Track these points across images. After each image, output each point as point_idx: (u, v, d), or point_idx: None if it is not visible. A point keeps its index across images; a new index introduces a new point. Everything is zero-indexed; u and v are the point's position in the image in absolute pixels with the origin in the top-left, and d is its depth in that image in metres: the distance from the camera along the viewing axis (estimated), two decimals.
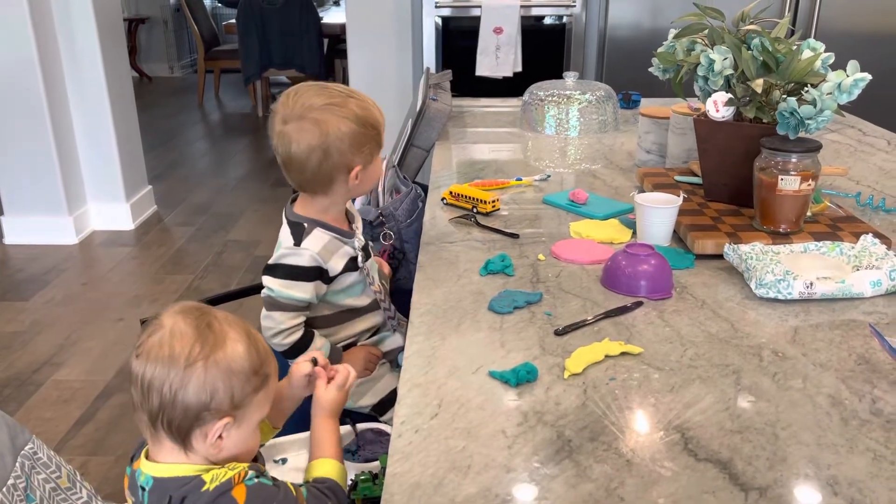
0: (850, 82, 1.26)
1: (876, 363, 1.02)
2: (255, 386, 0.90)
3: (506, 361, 1.03)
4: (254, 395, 0.90)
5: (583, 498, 0.78)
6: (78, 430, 2.26)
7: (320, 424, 1.05)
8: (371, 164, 1.30)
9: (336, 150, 1.24)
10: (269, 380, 0.93)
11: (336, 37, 6.41)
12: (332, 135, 1.24)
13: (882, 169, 1.86)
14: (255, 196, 4.38)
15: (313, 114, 1.24)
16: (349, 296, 1.36)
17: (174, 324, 0.88)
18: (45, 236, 3.57)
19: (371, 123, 1.27)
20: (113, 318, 2.93)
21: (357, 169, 1.28)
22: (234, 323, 0.92)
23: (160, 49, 7.85)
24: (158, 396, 0.86)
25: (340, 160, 1.26)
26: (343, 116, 1.25)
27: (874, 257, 1.24)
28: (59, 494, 1.05)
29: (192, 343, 0.86)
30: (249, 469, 0.89)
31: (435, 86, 2.25)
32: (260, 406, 0.92)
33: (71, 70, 3.49)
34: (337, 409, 1.07)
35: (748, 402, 0.93)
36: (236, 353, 0.89)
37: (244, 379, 0.89)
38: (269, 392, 0.94)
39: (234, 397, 0.88)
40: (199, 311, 0.91)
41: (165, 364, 0.86)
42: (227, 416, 0.88)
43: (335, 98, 1.26)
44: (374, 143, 1.29)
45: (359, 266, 1.34)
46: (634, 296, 1.21)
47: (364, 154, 1.28)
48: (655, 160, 1.88)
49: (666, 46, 1.57)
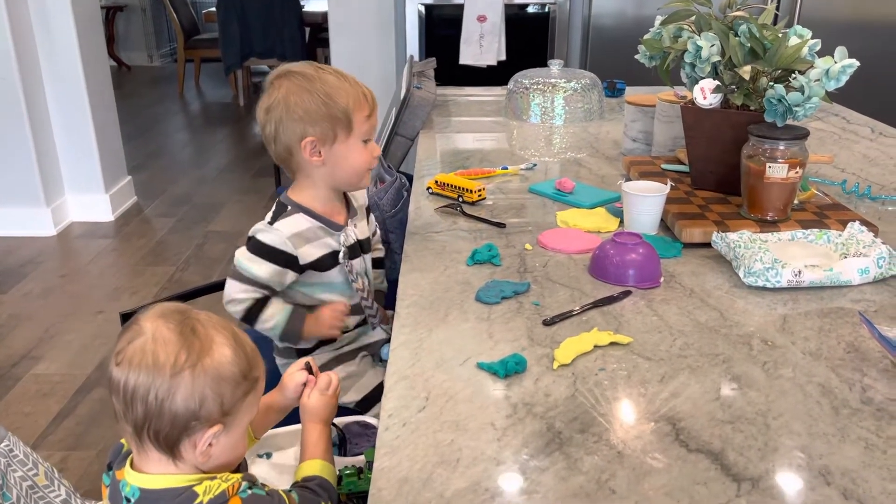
0: (838, 68, 1.25)
1: (865, 351, 1.01)
2: (245, 390, 0.87)
3: (494, 352, 1.01)
4: (243, 400, 0.87)
5: (573, 491, 0.77)
6: (58, 424, 2.22)
7: (308, 429, 1.03)
8: (337, 145, 1.25)
9: (286, 114, 1.23)
10: (258, 382, 0.90)
11: (318, 25, 6.35)
12: (282, 99, 1.23)
13: (867, 156, 1.86)
14: (236, 187, 4.33)
15: (277, 80, 1.25)
16: (327, 291, 1.33)
17: (156, 329, 0.83)
18: (22, 228, 3.51)
19: (336, 103, 1.23)
20: (92, 311, 2.88)
21: (310, 139, 1.23)
22: (218, 325, 0.87)
23: (138, 37, 7.74)
24: (143, 406, 0.82)
25: (291, 128, 1.23)
26: (301, 86, 1.23)
27: (861, 245, 1.23)
28: (37, 492, 1.03)
29: (178, 350, 0.82)
30: (243, 480, 0.86)
31: (419, 74, 2.22)
32: (249, 409, 0.89)
33: (47, 59, 3.42)
34: (324, 414, 1.04)
35: (738, 392, 0.93)
36: (224, 358, 0.85)
37: (234, 384, 0.85)
38: (258, 394, 0.91)
39: (223, 404, 0.84)
40: (180, 314, 0.86)
41: (150, 372, 0.82)
42: (217, 423, 0.84)
43: (307, 71, 1.25)
44: (338, 123, 1.24)
45: (338, 261, 1.31)
46: (622, 285, 1.20)
47: (321, 127, 1.23)
48: (641, 148, 1.87)
49: (652, 33, 1.56)
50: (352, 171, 1.29)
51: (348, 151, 1.27)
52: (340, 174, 1.29)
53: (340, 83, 1.25)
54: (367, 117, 1.27)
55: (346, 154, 1.27)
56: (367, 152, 1.29)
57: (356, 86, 1.27)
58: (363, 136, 1.28)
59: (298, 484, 0.96)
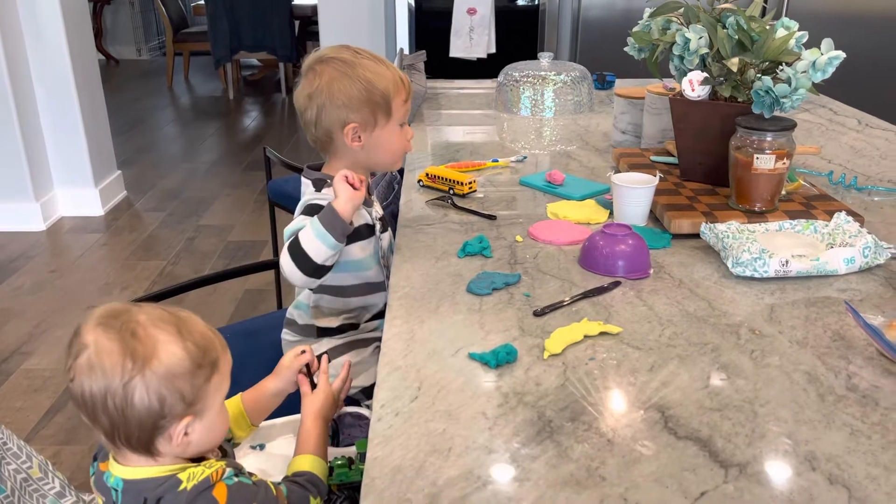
0: (825, 60, 1.26)
1: (851, 339, 1.03)
2: (206, 376, 0.85)
3: (485, 343, 1.02)
4: (206, 385, 0.86)
5: (564, 478, 0.78)
6: (49, 419, 2.22)
7: (306, 423, 1.03)
8: (377, 130, 1.28)
9: (329, 101, 1.25)
10: (218, 363, 0.88)
11: (307, 18, 6.33)
12: (325, 86, 1.25)
13: (853, 148, 1.88)
14: (227, 181, 4.32)
15: (318, 66, 1.27)
16: (355, 270, 1.32)
17: (96, 340, 0.82)
18: (11, 223, 3.49)
19: (377, 89, 1.26)
20: (83, 306, 2.87)
21: (353, 126, 1.26)
22: (159, 321, 0.84)
23: (127, 31, 7.69)
24: (107, 416, 0.82)
25: (334, 114, 1.26)
26: (342, 72, 1.25)
27: (847, 235, 1.25)
28: (31, 485, 1.03)
29: (122, 360, 0.81)
30: (228, 467, 0.86)
31: (409, 67, 2.22)
32: (218, 390, 0.88)
33: (35, 53, 3.40)
34: (326, 412, 1.05)
35: (726, 381, 0.94)
36: (172, 356, 0.83)
37: (190, 377, 0.84)
38: (223, 373, 0.89)
39: (185, 397, 0.83)
40: (118, 318, 0.84)
41: (102, 385, 0.81)
42: (185, 415, 0.84)
43: (347, 56, 1.27)
44: (379, 108, 1.27)
45: (374, 233, 1.32)
46: (612, 276, 1.21)
47: (363, 114, 1.26)
48: (631, 140, 1.88)
49: (641, 26, 1.57)
50: (389, 154, 1.33)
51: (387, 136, 1.30)
52: (378, 157, 1.33)
53: (379, 68, 1.28)
54: (403, 101, 1.31)
55: (386, 138, 1.30)
56: (403, 136, 1.33)
57: (393, 70, 1.29)
58: (400, 120, 1.31)
59: (289, 478, 0.96)
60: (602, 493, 0.76)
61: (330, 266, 1.21)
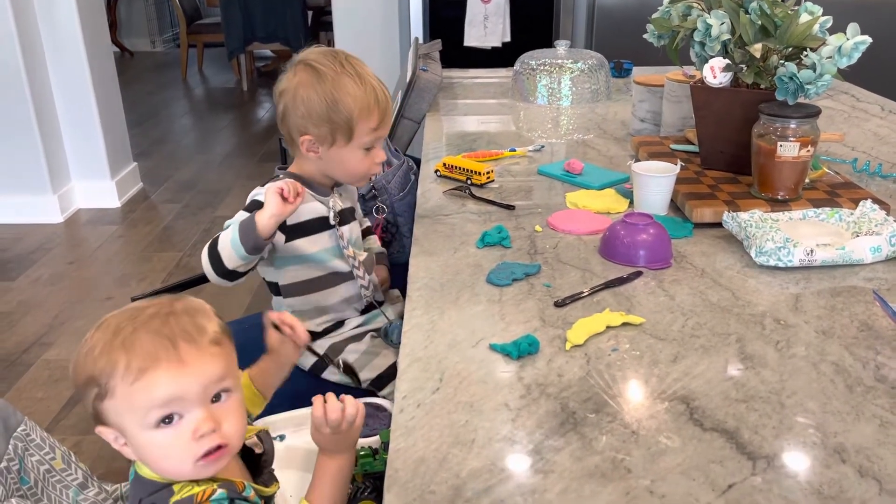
0: (851, 45, 1.24)
1: (879, 329, 1.01)
2: (97, 395, 0.80)
3: (506, 334, 1.01)
4: (102, 403, 0.80)
5: (589, 470, 0.77)
6: (70, 409, 2.23)
7: (318, 461, 0.95)
8: (335, 148, 1.25)
9: (292, 106, 1.25)
10: (108, 386, 0.78)
11: (320, 9, 6.32)
12: (293, 89, 1.25)
13: (877, 135, 1.85)
14: (241, 172, 4.32)
15: (300, 65, 1.26)
16: (318, 263, 1.32)
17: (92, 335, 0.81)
18: (29, 215, 3.52)
19: (340, 111, 1.22)
20: (101, 297, 2.89)
21: (307, 138, 1.25)
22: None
23: (141, 23, 7.70)
24: None
25: (295, 120, 1.26)
26: (312, 82, 1.23)
27: (874, 223, 1.23)
28: (54, 476, 1.03)
29: None
30: (220, 488, 0.81)
31: (424, 56, 2.21)
32: (132, 407, 0.79)
33: (51, 46, 3.41)
34: (332, 448, 0.94)
35: (752, 371, 0.93)
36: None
37: (88, 396, 0.80)
38: (130, 386, 0.78)
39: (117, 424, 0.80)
40: None
41: None
42: (114, 432, 0.82)
43: (325, 68, 1.24)
44: (339, 129, 1.24)
45: (331, 224, 1.31)
46: (633, 265, 1.19)
47: (321, 130, 1.24)
48: (650, 129, 1.86)
49: (661, 12, 1.54)
50: (346, 174, 1.32)
51: (346, 156, 1.27)
52: (336, 173, 1.31)
53: (355, 88, 1.23)
54: (373, 129, 1.26)
55: (344, 158, 1.27)
56: (367, 160, 1.29)
57: (372, 93, 1.25)
58: (364, 144, 1.27)
59: None
60: (628, 486, 0.75)
61: (243, 273, 1.23)
